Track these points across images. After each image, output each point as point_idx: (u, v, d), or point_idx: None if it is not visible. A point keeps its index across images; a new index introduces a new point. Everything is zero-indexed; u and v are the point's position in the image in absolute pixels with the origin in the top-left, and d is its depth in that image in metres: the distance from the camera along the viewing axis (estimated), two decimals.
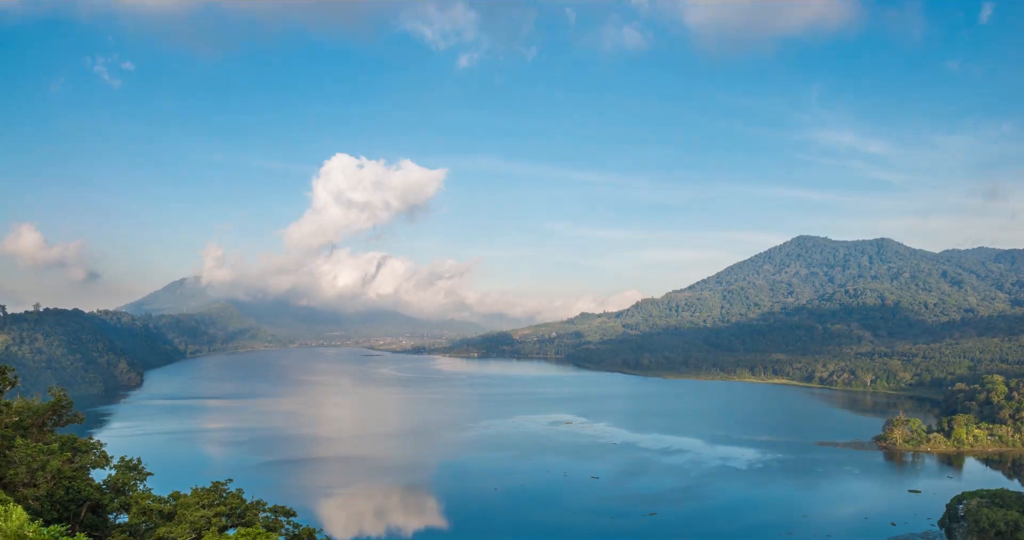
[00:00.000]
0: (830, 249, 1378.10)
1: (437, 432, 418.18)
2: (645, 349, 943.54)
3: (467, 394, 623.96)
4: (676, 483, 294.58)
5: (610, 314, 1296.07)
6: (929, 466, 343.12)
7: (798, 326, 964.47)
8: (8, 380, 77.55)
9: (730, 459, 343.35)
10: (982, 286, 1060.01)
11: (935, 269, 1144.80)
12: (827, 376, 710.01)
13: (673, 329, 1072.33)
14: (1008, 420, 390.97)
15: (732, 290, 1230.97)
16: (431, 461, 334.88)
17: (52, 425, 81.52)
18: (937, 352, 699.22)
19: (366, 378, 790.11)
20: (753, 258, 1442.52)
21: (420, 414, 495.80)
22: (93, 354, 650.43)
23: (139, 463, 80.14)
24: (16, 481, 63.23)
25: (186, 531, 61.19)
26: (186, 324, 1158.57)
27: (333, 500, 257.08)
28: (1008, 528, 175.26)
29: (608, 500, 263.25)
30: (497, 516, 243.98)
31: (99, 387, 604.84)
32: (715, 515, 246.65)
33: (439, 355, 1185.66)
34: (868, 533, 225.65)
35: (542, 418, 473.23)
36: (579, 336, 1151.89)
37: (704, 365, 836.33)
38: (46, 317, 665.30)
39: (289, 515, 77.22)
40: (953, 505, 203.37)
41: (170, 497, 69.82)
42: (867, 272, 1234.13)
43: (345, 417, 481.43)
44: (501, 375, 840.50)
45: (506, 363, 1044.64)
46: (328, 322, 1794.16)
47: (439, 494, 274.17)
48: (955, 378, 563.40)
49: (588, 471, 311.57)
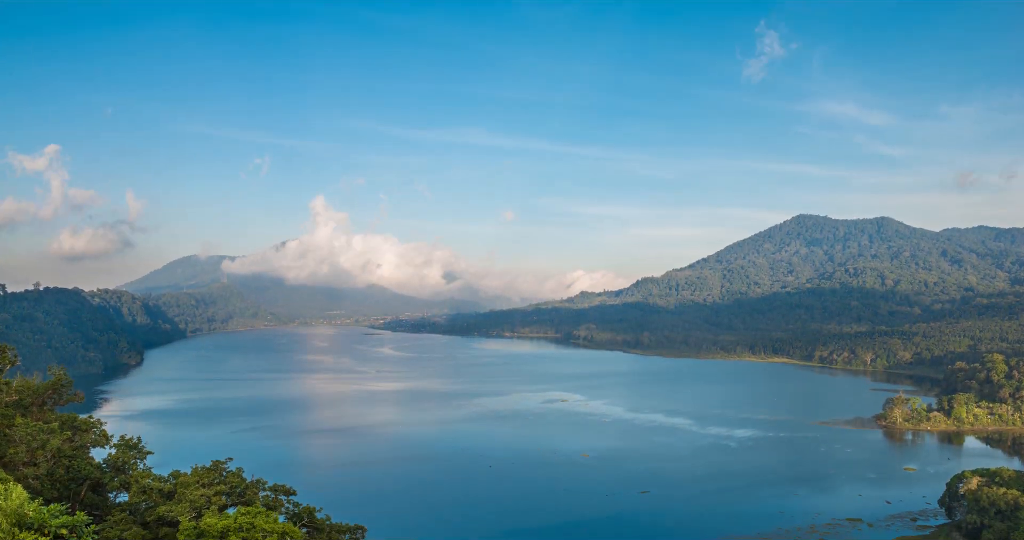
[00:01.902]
0: (830, 228, 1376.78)
1: (432, 411, 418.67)
2: (645, 328, 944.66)
3: (463, 372, 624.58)
4: (668, 462, 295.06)
5: (610, 293, 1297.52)
6: (928, 445, 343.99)
7: (798, 305, 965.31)
8: (8, 359, 77.12)
9: (725, 438, 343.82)
10: (982, 265, 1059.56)
11: (935, 248, 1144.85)
12: (827, 355, 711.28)
13: (673, 308, 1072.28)
14: (1008, 399, 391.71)
15: (732, 269, 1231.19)
16: (426, 440, 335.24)
17: (52, 404, 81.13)
18: (937, 331, 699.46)
19: (363, 356, 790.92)
20: (753, 237, 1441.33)
21: (417, 392, 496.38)
22: (93, 333, 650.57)
23: (139, 442, 79.86)
24: (16, 460, 62.92)
25: (186, 510, 60.98)
26: (186, 303, 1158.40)
27: (332, 479, 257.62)
28: (1008, 507, 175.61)
29: (599, 479, 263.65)
30: (489, 494, 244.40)
31: (99, 366, 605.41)
32: (706, 494, 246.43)
33: (438, 334, 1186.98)
34: (862, 511, 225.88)
35: (538, 396, 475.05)
36: (579, 315, 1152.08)
37: (704, 344, 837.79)
38: (46, 296, 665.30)
39: (289, 494, 77.08)
40: (953, 484, 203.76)
41: (170, 476, 69.57)
42: (867, 251, 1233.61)
43: (342, 396, 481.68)
44: (499, 353, 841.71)
45: (505, 342, 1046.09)
46: (328, 301, 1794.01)
47: (433, 472, 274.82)
48: (955, 357, 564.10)
49: (579, 449, 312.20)
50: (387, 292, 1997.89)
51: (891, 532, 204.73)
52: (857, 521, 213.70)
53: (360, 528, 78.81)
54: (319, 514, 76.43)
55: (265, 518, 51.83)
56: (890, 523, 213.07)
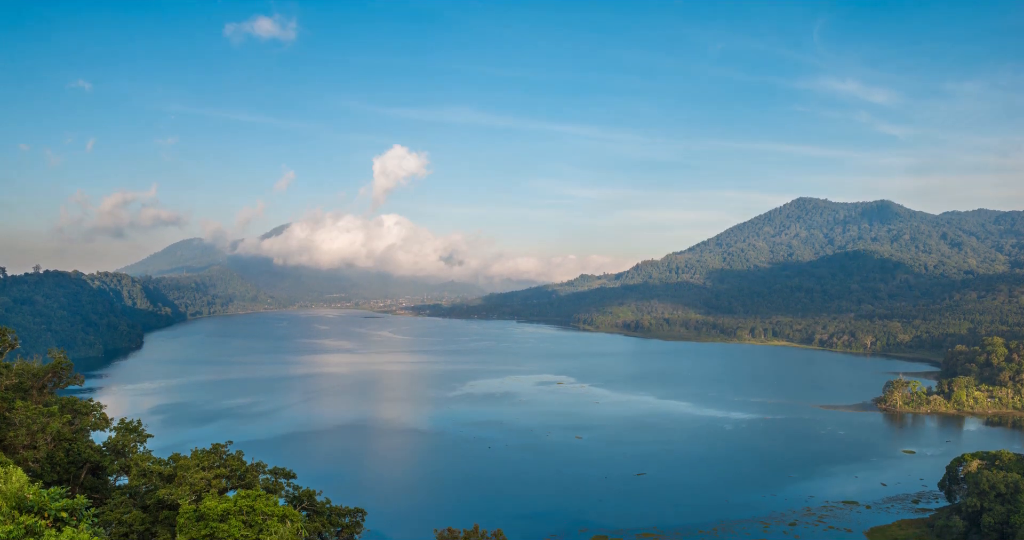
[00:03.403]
0: (830, 211, 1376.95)
1: (428, 393, 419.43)
2: (645, 311, 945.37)
3: (461, 355, 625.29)
4: (664, 445, 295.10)
5: (610, 276, 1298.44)
6: (928, 428, 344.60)
7: (798, 288, 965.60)
8: (8, 342, 76.97)
9: (721, 420, 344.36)
10: (982, 248, 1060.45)
11: (935, 231, 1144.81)
12: (827, 338, 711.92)
13: (673, 291, 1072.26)
14: (1008, 382, 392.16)
15: (732, 252, 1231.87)
16: (422, 422, 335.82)
17: (52, 387, 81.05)
18: (937, 314, 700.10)
19: (363, 340, 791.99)
20: (753, 220, 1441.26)
21: (416, 376, 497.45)
22: (93, 316, 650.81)
23: (139, 425, 79.79)
24: (16, 443, 62.88)
25: (186, 493, 60.88)
26: (186, 287, 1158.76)
27: (332, 462, 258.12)
28: (1008, 490, 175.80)
29: (594, 460, 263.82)
30: (487, 476, 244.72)
31: (99, 349, 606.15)
32: (701, 477, 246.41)
33: (439, 317, 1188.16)
34: (856, 493, 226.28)
35: (533, 378, 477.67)
36: (579, 298, 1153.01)
37: (704, 327, 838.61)
38: (46, 279, 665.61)
39: (289, 477, 77.10)
40: (953, 467, 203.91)
41: (170, 459, 69.42)
42: (867, 234, 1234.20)
43: (340, 379, 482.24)
44: (498, 336, 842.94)
45: (505, 324, 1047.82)
46: (328, 284, 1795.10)
47: (428, 454, 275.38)
48: (955, 340, 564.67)
49: (573, 431, 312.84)
50: (388, 276, 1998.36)
51: (890, 515, 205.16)
52: (854, 504, 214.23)
53: (360, 511, 78.88)
54: (319, 497, 76.51)
55: (265, 501, 51.76)
56: (888, 505, 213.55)
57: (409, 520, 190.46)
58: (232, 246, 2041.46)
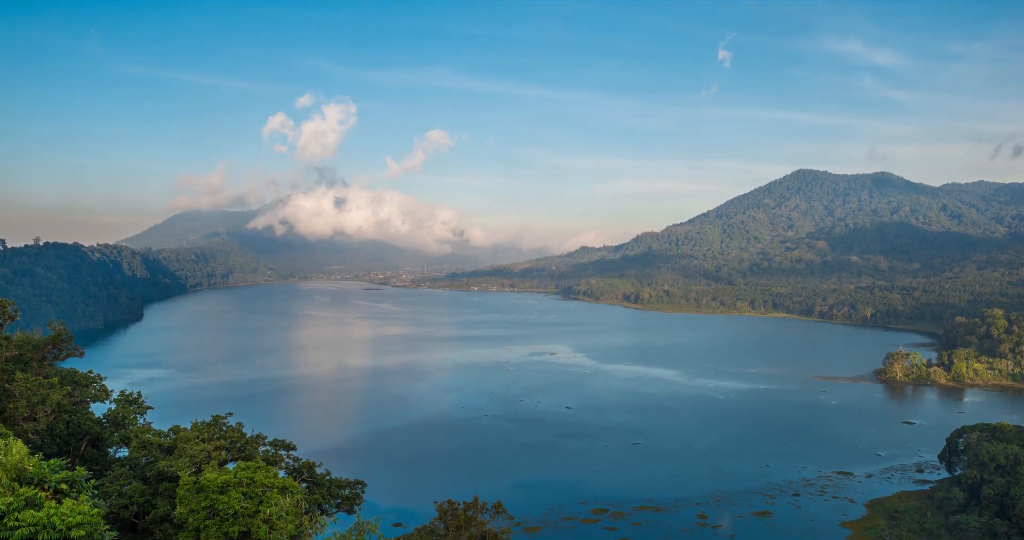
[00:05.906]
0: (830, 183, 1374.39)
1: (429, 364, 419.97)
2: (645, 283, 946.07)
3: (461, 327, 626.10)
4: (659, 413, 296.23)
5: (610, 248, 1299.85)
6: (928, 400, 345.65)
7: (798, 260, 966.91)
8: (8, 314, 76.75)
9: (716, 390, 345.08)
10: (982, 220, 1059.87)
11: (935, 203, 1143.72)
12: (827, 310, 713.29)
13: (673, 262, 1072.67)
14: (1008, 354, 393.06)
15: (732, 224, 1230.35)
16: (423, 391, 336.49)
17: (52, 359, 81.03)
18: (937, 286, 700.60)
19: (363, 311, 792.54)
20: (753, 192, 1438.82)
21: (414, 346, 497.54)
22: (93, 288, 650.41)
23: (139, 397, 79.91)
24: (16, 415, 62.84)
25: (186, 465, 60.93)
26: (186, 258, 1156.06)
27: (332, 433, 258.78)
28: (1008, 462, 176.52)
29: (589, 432, 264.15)
30: (482, 446, 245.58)
31: (99, 321, 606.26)
32: (697, 446, 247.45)
33: (439, 289, 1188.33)
34: (853, 462, 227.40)
35: (527, 349, 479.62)
36: (579, 269, 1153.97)
37: (704, 299, 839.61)
38: (46, 251, 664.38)
39: (289, 449, 77.25)
40: (953, 439, 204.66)
41: (170, 431, 69.51)
42: (867, 206, 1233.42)
43: (339, 351, 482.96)
44: (497, 307, 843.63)
45: (505, 296, 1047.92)
46: (328, 256, 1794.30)
47: (423, 426, 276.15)
48: (955, 312, 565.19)
49: (564, 401, 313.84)
50: (387, 247, 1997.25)
51: (890, 485, 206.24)
52: (849, 474, 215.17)
53: (360, 483, 79.11)
54: (319, 469, 76.68)
55: (265, 473, 51.78)
56: (888, 476, 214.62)
57: (408, 492, 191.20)
58: (233, 218, 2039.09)
